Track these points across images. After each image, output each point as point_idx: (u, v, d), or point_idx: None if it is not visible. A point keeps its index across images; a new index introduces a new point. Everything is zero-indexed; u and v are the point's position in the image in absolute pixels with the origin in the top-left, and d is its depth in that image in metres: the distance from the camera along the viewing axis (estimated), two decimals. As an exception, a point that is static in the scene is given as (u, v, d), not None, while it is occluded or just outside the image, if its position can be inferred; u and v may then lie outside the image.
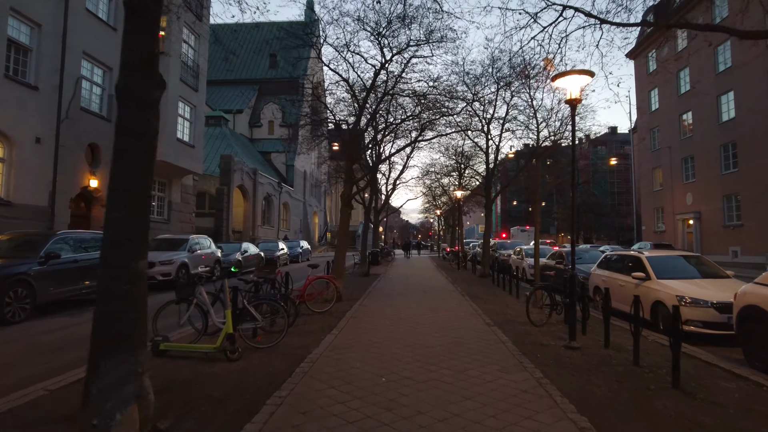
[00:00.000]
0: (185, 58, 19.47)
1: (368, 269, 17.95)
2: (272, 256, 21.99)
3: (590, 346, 6.32)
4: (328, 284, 8.87)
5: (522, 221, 54.28)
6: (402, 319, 8.06)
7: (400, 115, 11.45)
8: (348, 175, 10.25)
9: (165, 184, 19.79)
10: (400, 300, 10.62)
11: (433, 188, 32.25)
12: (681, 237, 28.82)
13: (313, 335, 6.76)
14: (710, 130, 25.59)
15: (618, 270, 9.11)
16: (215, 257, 15.57)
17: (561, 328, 7.61)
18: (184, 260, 13.25)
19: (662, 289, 7.35)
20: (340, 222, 10.29)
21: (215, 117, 36.15)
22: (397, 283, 14.71)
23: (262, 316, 6.30)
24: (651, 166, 32.68)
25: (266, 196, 34.00)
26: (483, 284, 14.81)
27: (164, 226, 19.35)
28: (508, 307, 9.75)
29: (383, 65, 10.10)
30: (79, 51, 14.12)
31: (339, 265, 10.17)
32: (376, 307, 9.50)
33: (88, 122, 14.69)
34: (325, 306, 8.84)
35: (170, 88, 18.01)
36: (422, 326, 7.46)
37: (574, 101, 6.43)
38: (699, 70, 26.65)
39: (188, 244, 13.99)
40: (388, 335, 6.75)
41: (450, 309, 9.32)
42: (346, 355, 5.62)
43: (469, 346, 6.10)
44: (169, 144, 18.02)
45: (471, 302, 10.35)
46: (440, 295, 11.55)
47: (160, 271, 12.36)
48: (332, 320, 7.95)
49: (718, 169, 24.90)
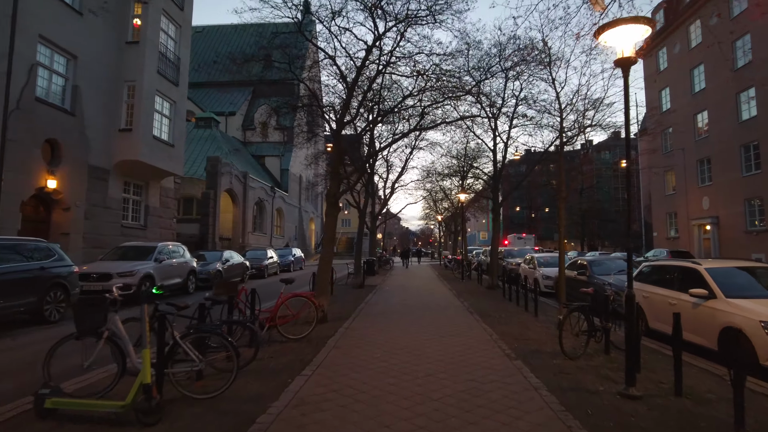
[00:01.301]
0: (164, 50, 17.86)
1: (363, 280, 16.21)
2: (259, 266, 20.27)
3: (655, 393, 4.61)
4: (308, 303, 7.14)
5: (524, 228, 52.59)
6: (398, 350, 6.32)
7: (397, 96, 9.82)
8: (334, 170, 8.58)
9: (141, 186, 18.08)
10: (397, 320, 8.87)
11: (434, 192, 30.54)
12: (697, 243, 27.11)
13: (276, 377, 5.03)
14: (729, 129, 23.98)
15: (664, 284, 7.40)
16: (189, 267, 13.83)
17: (602, 361, 5.89)
18: (148, 271, 11.52)
19: (737, 312, 5.64)
20: (325, 225, 8.58)
21: (205, 119, 34.58)
22: (394, 298, 12.95)
23: (205, 354, 4.59)
24: (662, 169, 31.00)
25: (258, 201, 32.29)
26: (492, 298, 13.07)
27: (140, 233, 17.63)
28: (528, 329, 8.02)
29: (376, 41, 8.50)
30: (34, 34, 12.47)
31: (323, 278, 8.45)
32: (367, 331, 7.76)
33: (46, 115, 13.01)
34: (303, 330, 7.11)
35: (145, 81, 16.40)
36: (424, 361, 5.72)
37: (626, 62, 4.75)
38: (715, 67, 25.11)
39: (155, 253, 12.24)
40: (379, 378, 5.02)
41: (458, 333, 7.58)
42: (314, 417, 3.88)
43: (490, 398, 4.37)
44: (144, 141, 16.35)
45: (482, 323, 8.62)
46: (445, 314, 9.81)
47: (119, 283, 10.60)
48: (308, 351, 6.21)
49: (739, 171, 23.26)
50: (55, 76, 13.60)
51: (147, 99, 16.61)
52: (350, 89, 8.50)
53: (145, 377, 3.81)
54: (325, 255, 8.54)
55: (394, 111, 9.40)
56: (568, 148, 16.37)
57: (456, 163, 21.61)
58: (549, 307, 10.92)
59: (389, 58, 8.46)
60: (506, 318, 9.25)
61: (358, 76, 8.48)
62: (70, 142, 13.84)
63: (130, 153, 16.09)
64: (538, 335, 7.53)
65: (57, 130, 13.38)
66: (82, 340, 4.20)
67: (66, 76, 13.98)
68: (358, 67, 8.60)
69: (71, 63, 14.11)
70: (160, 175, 18.62)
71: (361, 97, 9.04)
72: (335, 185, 8.48)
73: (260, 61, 9.02)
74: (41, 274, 8.21)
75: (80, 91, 14.28)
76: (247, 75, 10.92)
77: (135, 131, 16.20)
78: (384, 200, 24.03)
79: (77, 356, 4.38)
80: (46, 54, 13.16)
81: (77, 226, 14.30)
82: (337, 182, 8.54)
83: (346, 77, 8.76)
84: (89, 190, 14.79)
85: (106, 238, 15.35)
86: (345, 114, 8.67)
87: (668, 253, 23.36)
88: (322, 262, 8.56)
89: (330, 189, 8.58)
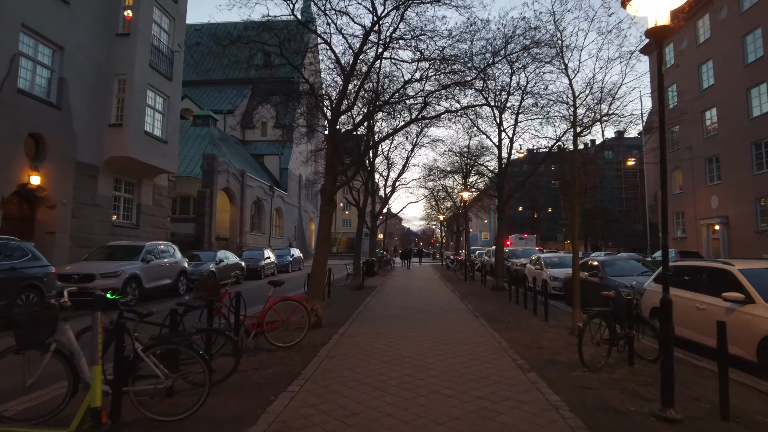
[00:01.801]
0: (157, 42, 17.25)
1: (362, 281, 15.57)
2: (256, 266, 19.65)
3: (696, 415, 3.97)
4: (299, 307, 6.50)
5: (526, 228, 51.90)
6: (398, 360, 5.68)
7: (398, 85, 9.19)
8: (329, 163, 7.94)
9: (133, 184, 17.46)
10: (398, 325, 8.23)
11: (435, 191, 29.87)
12: (705, 244, 26.43)
13: (259, 393, 4.40)
14: (739, 127, 23.30)
15: (690, 287, 6.75)
16: (179, 268, 13.19)
17: (627, 373, 5.26)
18: (135, 272, 10.89)
19: (780, 320, 4.99)
20: (320, 223, 7.94)
21: (203, 116, 34.00)
22: (395, 300, 12.31)
23: (178, 367, 3.97)
24: (669, 168, 30.20)
25: (256, 200, 31.67)
26: (497, 300, 12.41)
27: (131, 232, 17.02)
28: (540, 336, 7.38)
29: (374, 25, 7.87)
30: (17, 23, 11.87)
31: (318, 279, 7.80)
32: (365, 337, 7.12)
33: (30, 108, 12.41)
34: (294, 336, 6.48)
35: (136, 74, 15.79)
36: (427, 375, 5.09)
37: (661, 32, 4.08)
38: (723, 63, 24.45)
39: (143, 253, 11.62)
40: (375, 395, 4.38)
41: (464, 340, 6.94)
42: (297, 447, 3.25)
43: (503, 421, 3.74)
44: (135, 138, 15.74)
45: (489, 328, 7.97)
46: (449, 318, 9.17)
47: (103, 285, 9.97)
48: (298, 361, 5.58)
49: (750, 169, 22.57)
50: (40, 67, 13.00)
51: (138, 93, 16.00)
52: (347, 75, 7.85)
53: (93, 399, 3.19)
54: (319, 255, 7.90)
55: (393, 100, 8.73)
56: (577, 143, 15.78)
57: (459, 160, 20.95)
58: (559, 311, 10.27)
59: (388, 41, 7.81)
60: (514, 322, 8.61)
61: (355, 61, 7.85)
62: (55, 137, 13.23)
63: (121, 149, 15.47)
64: (551, 342, 6.89)
65: (41, 124, 12.78)
66: (23, 354, 3.57)
67: (52, 68, 13.37)
68: (355, 52, 7.97)
69: (57, 54, 13.50)
70: (153, 173, 18.01)
71: (359, 84, 8.39)
72: (331, 180, 7.83)
73: (250, 43, 8.37)
74: (11, 275, 7.58)
75: (67, 83, 13.67)
76: (246, 67, 10.27)
77: (126, 126, 15.58)
78: (384, 199, 23.37)
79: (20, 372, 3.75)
80: (29, 44, 12.55)
81: (64, 224, 13.69)
82: (333, 176, 7.90)
83: (340, 61, 8.13)
84: (77, 188, 14.18)
85: (96, 238, 14.74)
86: (341, 102, 8.02)
87: (677, 253, 22.69)
88: (317, 263, 7.92)
89: (325, 184, 7.94)
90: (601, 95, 7.49)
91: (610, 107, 7.42)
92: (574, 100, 7.76)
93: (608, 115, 7.52)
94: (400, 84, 9.02)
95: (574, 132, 7.81)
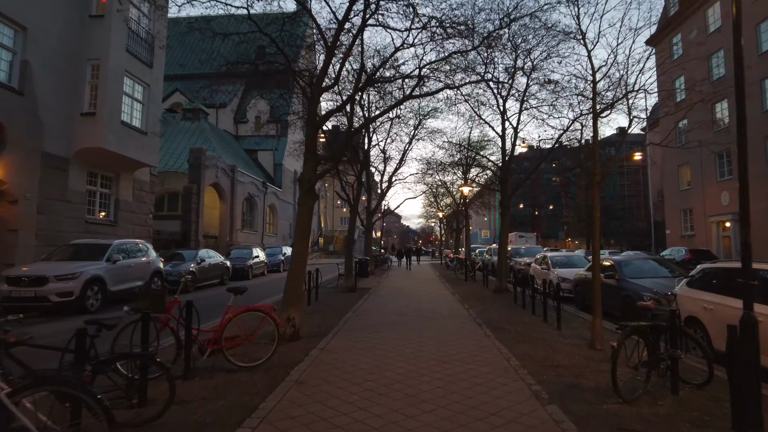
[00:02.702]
0: (135, 26, 16.07)
1: (354, 283, 14.45)
2: (243, 266, 18.52)
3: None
4: (266, 319, 5.37)
5: (527, 226, 50.78)
6: (385, 387, 4.57)
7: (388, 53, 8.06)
8: (310, 148, 6.80)
9: (111, 178, 16.29)
10: (389, 337, 7.11)
11: (434, 187, 28.70)
12: (715, 241, 25.34)
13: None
14: (752, 119, 22.11)
15: (732, 293, 5.64)
16: (153, 268, 12.05)
17: (673, 406, 4.15)
18: (97, 273, 9.75)
19: None
20: (298, 217, 6.78)
21: (193, 110, 32.79)
22: (388, 304, 11.17)
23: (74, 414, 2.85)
24: (676, 164, 29.19)
25: (248, 196, 30.50)
26: (502, 303, 11.29)
27: (108, 230, 15.86)
28: (555, 350, 6.27)
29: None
30: (-31, -2, 10.73)
31: (295, 283, 6.67)
32: (348, 353, 6.00)
33: (-14, 93, 11.26)
34: (263, 353, 5.37)
35: (111, 59, 14.61)
36: (421, 410, 3.97)
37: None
38: (736, 52, 23.31)
39: (109, 252, 10.48)
40: (350, 443, 3.27)
41: (467, 357, 5.82)
42: None
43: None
44: (110, 128, 14.56)
45: (495, 339, 6.86)
46: (448, 326, 8.05)
47: (56, 289, 8.86)
48: (260, 387, 4.46)
49: (763, 164, 21.49)
50: (0, 50, 11.84)
51: (114, 80, 14.81)
52: (330, 47, 6.73)
53: None
54: (297, 254, 6.76)
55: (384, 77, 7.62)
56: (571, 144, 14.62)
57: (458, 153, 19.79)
58: (570, 317, 9.17)
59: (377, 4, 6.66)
60: (524, 332, 7.49)
61: (339, 30, 6.70)
62: (17, 125, 12.07)
63: (94, 140, 14.29)
64: (568, 359, 5.78)
65: (2, 111, 11.62)
66: None
67: (13, 49, 12.20)
68: (339, 20, 6.84)
69: (20, 35, 12.32)
70: (133, 166, 16.83)
71: (342, 56, 7.27)
72: (310, 167, 6.71)
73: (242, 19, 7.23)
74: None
75: (31, 67, 12.51)
76: (236, 60, 9.13)
77: (99, 115, 14.39)
78: (381, 194, 22.23)
79: None
80: (-15, 22, 11.41)
81: (28, 221, 12.54)
82: (314, 164, 6.78)
83: (324, 33, 7.00)
84: (43, 181, 13.01)
85: (66, 235, 13.57)
86: (323, 78, 6.90)
87: (687, 251, 21.64)
88: (294, 264, 6.79)
89: (304, 172, 6.80)
90: (627, 66, 6.38)
91: (637, 81, 6.31)
92: (593, 73, 6.64)
93: (635, 91, 6.41)
94: (391, 53, 7.85)
95: (594, 111, 6.69)
